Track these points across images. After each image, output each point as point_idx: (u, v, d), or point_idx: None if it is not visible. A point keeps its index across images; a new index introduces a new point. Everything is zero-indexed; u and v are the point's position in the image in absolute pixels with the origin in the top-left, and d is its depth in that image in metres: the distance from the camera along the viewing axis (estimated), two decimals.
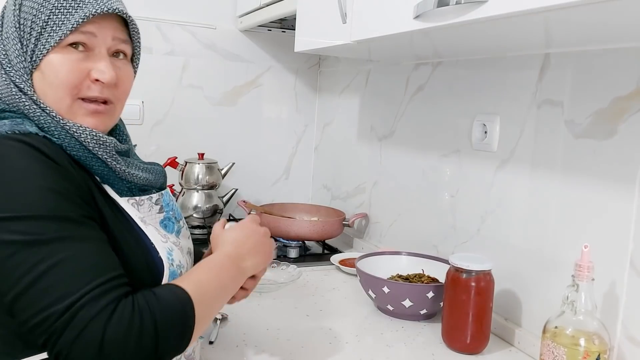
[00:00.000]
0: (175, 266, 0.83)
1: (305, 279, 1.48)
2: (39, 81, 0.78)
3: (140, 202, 0.84)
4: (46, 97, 0.78)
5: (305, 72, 2.17)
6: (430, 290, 1.19)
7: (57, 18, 0.77)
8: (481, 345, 1.09)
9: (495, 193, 1.23)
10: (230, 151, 2.07)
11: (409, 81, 1.57)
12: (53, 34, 0.77)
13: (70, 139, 0.77)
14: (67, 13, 0.77)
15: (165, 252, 0.82)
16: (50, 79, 0.78)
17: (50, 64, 0.77)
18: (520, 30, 0.92)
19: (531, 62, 1.14)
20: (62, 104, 0.78)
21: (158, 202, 0.88)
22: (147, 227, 0.82)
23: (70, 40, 0.78)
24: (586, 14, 0.74)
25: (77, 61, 0.78)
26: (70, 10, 0.77)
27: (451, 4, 0.81)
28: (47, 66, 0.77)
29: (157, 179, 0.89)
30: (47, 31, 0.77)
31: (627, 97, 0.94)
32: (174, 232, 0.90)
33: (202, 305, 0.74)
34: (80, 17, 0.77)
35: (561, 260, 1.06)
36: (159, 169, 0.92)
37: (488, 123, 1.24)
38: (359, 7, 1.14)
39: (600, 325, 0.89)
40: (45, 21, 0.77)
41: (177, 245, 0.87)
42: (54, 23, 0.77)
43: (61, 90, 0.78)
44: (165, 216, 0.89)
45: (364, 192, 1.82)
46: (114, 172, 0.80)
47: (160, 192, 0.90)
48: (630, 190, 0.93)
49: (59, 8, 0.77)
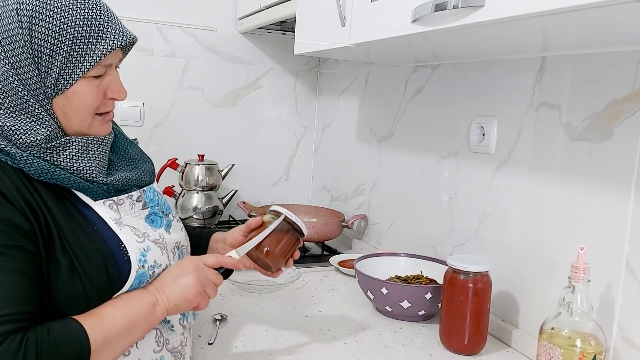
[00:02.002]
0: (147, 267, 0.84)
1: (305, 280, 1.49)
2: (62, 105, 0.80)
3: (119, 201, 0.86)
4: (71, 120, 0.82)
5: (305, 74, 2.18)
6: (429, 291, 1.20)
7: (81, 49, 0.78)
8: (479, 346, 1.10)
9: (492, 195, 1.24)
10: (230, 152, 2.08)
11: (408, 83, 1.58)
12: (79, 65, 0.79)
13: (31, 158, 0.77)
14: (89, 43, 0.79)
15: (137, 253, 0.83)
16: (77, 105, 0.81)
17: (76, 93, 0.80)
18: (518, 33, 0.93)
19: (528, 65, 1.15)
20: (85, 123, 0.83)
21: (140, 199, 0.89)
22: (121, 229, 0.83)
23: (95, 73, 0.81)
24: (582, 19, 0.75)
25: (98, 86, 0.83)
26: (92, 41, 0.79)
27: (448, 8, 0.82)
28: (74, 95, 0.80)
29: (141, 177, 0.90)
30: (71, 62, 0.78)
31: (622, 101, 0.95)
32: (163, 227, 0.91)
33: (103, 344, 0.76)
34: (104, 50, 0.80)
35: (558, 261, 1.07)
36: (145, 166, 0.93)
37: (486, 125, 1.25)
38: (358, 11, 1.14)
39: (596, 327, 0.89)
40: (68, 52, 0.78)
41: (159, 242, 0.88)
42: (78, 54, 0.78)
43: (87, 114, 0.83)
44: (150, 211, 0.90)
45: (363, 193, 1.83)
46: (86, 181, 0.81)
47: (142, 188, 0.90)
48: (625, 192, 0.94)
49: (80, 39, 0.78)
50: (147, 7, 1.91)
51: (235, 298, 1.33)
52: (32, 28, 0.76)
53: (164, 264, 0.88)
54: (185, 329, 0.93)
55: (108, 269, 0.80)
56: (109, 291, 0.80)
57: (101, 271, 0.79)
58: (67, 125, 0.81)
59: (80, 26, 0.78)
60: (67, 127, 0.82)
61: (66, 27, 0.77)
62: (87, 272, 0.77)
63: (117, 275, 0.81)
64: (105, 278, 0.79)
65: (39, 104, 0.78)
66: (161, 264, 0.87)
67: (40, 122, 0.78)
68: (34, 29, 0.76)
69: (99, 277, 0.79)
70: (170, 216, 0.95)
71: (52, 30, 0.76)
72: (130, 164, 0.91)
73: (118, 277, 0.81)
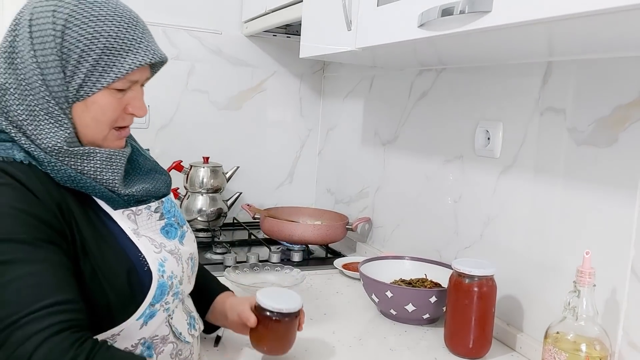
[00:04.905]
0: (166, 277, 0.84)
1: (309, 283, 1.49)
2: (81, 112, 0.80)
3: (137, 212, 0.86)
4: (87, 128, 0.81)
5: (310, 77, 2.18)
6: (433, 295, 1.20)
7: (109, 60, 0.78)
8: (483, 350, 1.10)
9: (497, 199, 1.24)
10: (234, 155, 2.08)
11: (413, 87, 1.58)
12: (105, 76, 0.78)
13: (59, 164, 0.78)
14: (119, 55, 0.79)
15: (156, 264, 0.83)
16: (96, 115, 0.81)
17: (97, 103, 0.80)
18: (524, 39, 0.93)
19: (534, 69, 1.15)
20: (101, 135, 0.83)
21: (158, 210, 0.89)
22: (139, 239, 0.83)
23: (119, 87, 0.81)
24: (589, 24, 0.75)
25: (119, 100, 0.82)
26: (122, 54, 0.79)
27: (455, 14, 0.82)
28: (94, 104, 0.80)
29: (159, 188, 0.90)
30: (98, 71, 0.78)
31: (628, 106, 0.95)
32: (177, 238, 0.91)
33: None
34: (132, 64, 0.79)
35: (563, 266, 1.07)
36: (162, 178, 0.93)
37: (491, 129, 1.26)
38: (364, 15, 1.15)
39: (602, 331, 0.90)
40: (96, 60, 0.78)
41: (175, 253, 0.88)
42: (106, 64, 0.78)
43: (104, 125, 0.83)
44: (166, 222, 0.90)
45: (367, 196, 1.83)
46: (109, 190, 0.82)
47: (161, 199, 0.91)
48: (631, 197, 0.94)
49: (110, 49, 0.78)
50: (152, 9, 1.92)
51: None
52: (64, 31, 0.77)
53: (179, 276, 0.88)
54: (193, 338, 0.94)
55: (130, 279, 0.80)
56: (132, 302, 0.80)
57: (123, 281, 0.79)
58: (82, 133, 0.81)
59: (113, 37, 0.78)
60: (82, 136, 0.82)
61: (99, 35, 0.77)
62: (110, 281, 0.77)
63: (139, 285, 0.81)
64: (127, 288, 0.79)
65: (59, 106, 0.78)
66: (177, 275, 0.87)
67: (59, 124, 0.78)
68: (67, 32, 0.77)
69: (121, 287, 0.79)
70: (185, 227, 0.95)
71: (84, 37, 0.77)
72: (147, 176, 0.91)
73: (140, 288, 0.81)
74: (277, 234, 1.74)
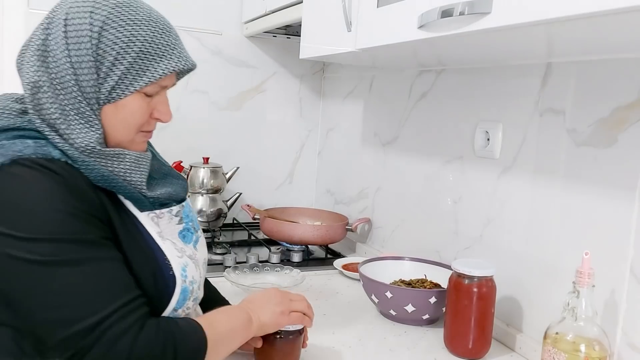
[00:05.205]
0: (188, 282, 0.84)
1: (309, 284, 1.49)
2: (111, 114, 0.80)
3: (160, 215, 0.86)
4: (115, 130, 0.81)
5: (310, 78, 2.19)
6: (433, 295, 1.20)
7: (143, 64, 0.79)
8: (483, 350, 1.10)
9: (497, 199, 1.25)
10: (234, 156, 2.08)
11: (413, 88, 1.58)
12: (138, 79, 0.79)
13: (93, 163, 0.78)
14: (153, 60, 0.79)
15: (179, 268, 0.83)
16: (124, 117, 0.81)
17: (127, 106, 0.81)
18: (523, 40, 0.93)
19: (533, 70, 1.15)
20: (127, 138, 0.83)
21: (178, 214, 0.89)
22: (164, 242, 0.83)
23: (149, 92, 0.82)
24: (588, 26, 0.76)
25: (148, 104, 0.83)
26: (155, 59, 0.80)
27: (455, 15, 0.83)
28: (124, 106, 0.80)
29: (178, 193, 0.91)
30: (131, 74, 0.78)
31: (627, 107, 0.95)
32: (192, 243, 0.91)
33: (213, 345, 0.78)
34: (165, 69, 0.80)
35: (562, 266, 1.07)
36: (180, 183, 0.94)
37: (490, 130, 1.26)
38: (364, 16, 1.15)
39: (601, 332, 0.90)
40: (131, 63, 0.78)
41: (193, 258, 0.88)
42: (139, 68, 0.79)
43: (132, 128, 0.83)
44: (184, 227, 0.90)
45: (367, 197, 1.83)
46: (137, 191, 0.82)
47: (181, 203, 0.91)
48: (630, 198, 0.95)
49: (145, 54, 0.79)
50: None
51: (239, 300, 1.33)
52: (101, 33, 0.77)
53: (198, 281, 0.88)
54: None
55: (157, 281, 0.80)
56: (157, 307, 0.80)
57: (150, 284, 0.79)
58: (110, 135, 0.81)
59: (148, 42, 0.79)
60: (110, 138, 0.82)
61: (135, 39, 0.78)
62: (138, 282, 0.77)
63: (165, 289, 0.81)
64: (154, 290, 0.80)
65: (89, 107, 0.78)
66: (197, 280, 0.87)
67: (90, 125, 0.78)
68: (103, 34, 0.77)
69: (149, 289, 0.79)
70: (199, 232, 0.95)
71: (120, 40, 0.77)
72: (165, 180, 0.91)
73: (165, 291, 0.81)
74: (277, 234, 1.74)
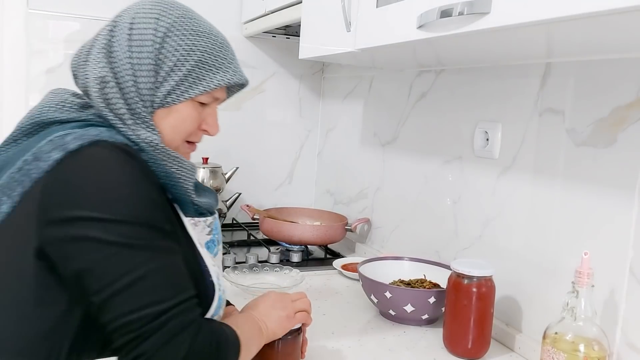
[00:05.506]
0: (222, 291, 0.84)
1: (308, 284, 1.49)
2: (162, 119, 0.82)
3: (197, 222, 0.87)
4: (163, 135, 0.82)
5: (309, 78, 2.19)
6: (432, 295, 1.20)
7: (201, 73, 0.81)
8: (482, 350, 1.10)
9: (496, 199, 1.25)
10: (234, 156, 2.08)
11: (412, 88, 1.58)
12: (194, 87, 0.81)
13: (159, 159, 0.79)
14: (210, 71, 0.82)
15: (215, 276, 0.83)
16: (175, 123, 0.83)
17: (179, 112, 0.83)
18: (522, 40, 0.93)
19: (533, 70, 1.15)
20: (174, 144, 0.85)
21: (210, 225, 0.90)
22: (202, 249, 0.84)
23: (203, 100, 0.84)
24: (587, 26, 0.76)
25: (199, 114, 0.85)
26: (212, 70, 0.82)
27: (454, 15, 0.83)
28: (176, 112, 0.82)
29: (214, 205, 0.92)
30: (188, 81, 0.81)
31: (627, 107, 0.95)
32: (214, 254, 0.91)
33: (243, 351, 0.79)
34: (221, 81, 0.83)
35: (561, 266, 1.07)
36: (214, 195, 0.95)
37: (490, 130, 1.26)
38: (363, 16, 1.15)
39: (600, 332, 0.90)
40: (189, 71, 0.81)
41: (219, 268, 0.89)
42: (196, 77, 0.81)
43: (180, 135, 0.85)
44: (211, 238, 0.91)
45: (366, 197, 1.83)
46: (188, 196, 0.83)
47: (214, 215, 0.92)
48: (629, 198, 0.95)
49: (203, 63, 0.81)
50: None
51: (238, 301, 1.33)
52: (165, 39, 0.80)
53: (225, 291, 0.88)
54: None
55: (199, 285, 0.79)
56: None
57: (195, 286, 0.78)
58: None
59: (208, 52, 0.82)
60: None
61: (195, 49, 0.81)
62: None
63: (204, 296, 0.80)
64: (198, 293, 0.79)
65: (145, 109, 0.80)
66: (225, 290, 0.87)
67: (146, 125, 0.80)
68: (166, 40, 0.80)
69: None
70: (220, 245, 0.95)
71: (182, 47, 0.80)
72: (203, 190, 0.92)
73: (205, 295, 0.80)
74: (276, 234, 1.74)
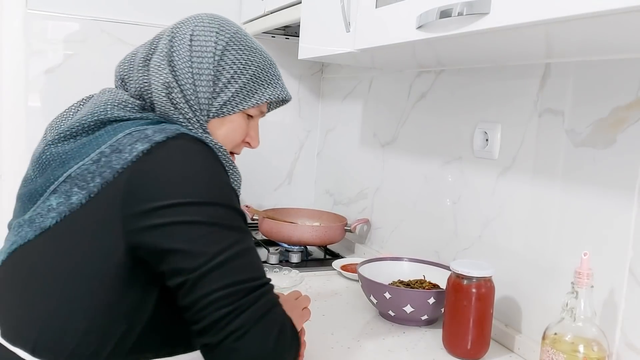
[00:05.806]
0: None
1: (307, 284, 1.49)
2: (216, 127, 0.88)
3: None
4: None
5: (309, 79, 2.19)
6: (432, 296, 1.20)
7: (254, 86, 0.88)
8: (482, 351, 1.10)
9: (496, 200, 1.25)
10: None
11: (412, 88, 1.58)
12: (247, 99, 0.87)
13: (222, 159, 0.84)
14: (261, 85, 0.89)
15: None
16: (227, 133, 0.90)
17: (232, 122, 0.90)
18: (522, 40, 0.93)
19: (532, 71, 1.15)
20: None
21: None
22: None
23: (252, 113, 0.92)
24: (587, 26, 0.76)
25: (247, 125, 0.93)
26: (264, 84, 0.89)
27: (453, 15, 0.83)
28: (229, 122, 0.89)
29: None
30: (243, 93, 0.87)
31: (626, 107, 0.95)
32: None
33: None
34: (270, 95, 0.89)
35: (561, 267, 1.07)
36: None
37: (489, 131, 1.26)
38: (363, 16, 1.15)
39: (600, 332, 0.90)
40: (245, 83, 0.87)
41: None
42: (250, 89, 0.87)
43: (229, 145, 0.92)
44: None
45: (366, 197, 1.83)
46: None
47: None
48: (629, 198, 0.95)
49: (257, 77, 0.88)
50: (150, 11, 1.92)
51: None
52: (224, 52, 0.86)
53: None
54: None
55: None
56: None
57: None
58: None
59: (261, 68, 0.89)
60: None
61: (251, 63, 0.88)
62: None
63: None
64: None
65: (202, 117, 0.85)
66: None
67: (205, 131, 0.85)
68: (226, 53, 0.86)
69: None
70: None
71: (239, 60, 0.87)
72: None
73: None
74: (275, 235, 1.74)
